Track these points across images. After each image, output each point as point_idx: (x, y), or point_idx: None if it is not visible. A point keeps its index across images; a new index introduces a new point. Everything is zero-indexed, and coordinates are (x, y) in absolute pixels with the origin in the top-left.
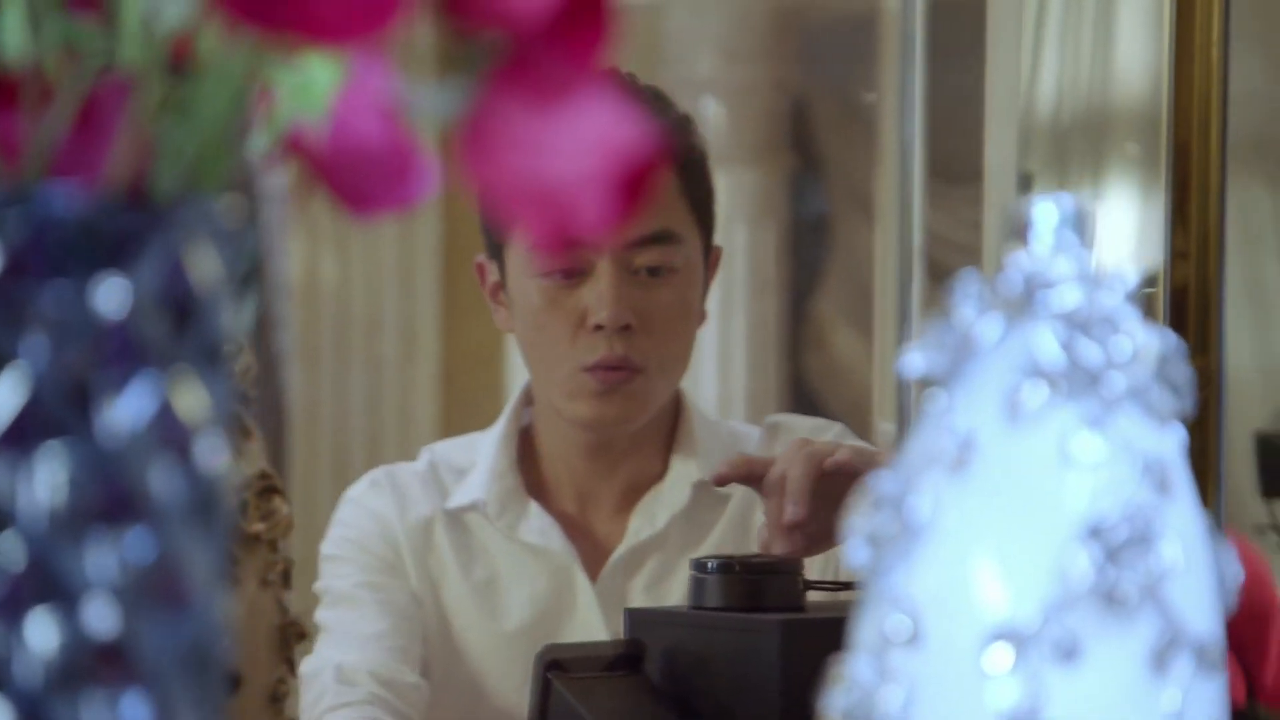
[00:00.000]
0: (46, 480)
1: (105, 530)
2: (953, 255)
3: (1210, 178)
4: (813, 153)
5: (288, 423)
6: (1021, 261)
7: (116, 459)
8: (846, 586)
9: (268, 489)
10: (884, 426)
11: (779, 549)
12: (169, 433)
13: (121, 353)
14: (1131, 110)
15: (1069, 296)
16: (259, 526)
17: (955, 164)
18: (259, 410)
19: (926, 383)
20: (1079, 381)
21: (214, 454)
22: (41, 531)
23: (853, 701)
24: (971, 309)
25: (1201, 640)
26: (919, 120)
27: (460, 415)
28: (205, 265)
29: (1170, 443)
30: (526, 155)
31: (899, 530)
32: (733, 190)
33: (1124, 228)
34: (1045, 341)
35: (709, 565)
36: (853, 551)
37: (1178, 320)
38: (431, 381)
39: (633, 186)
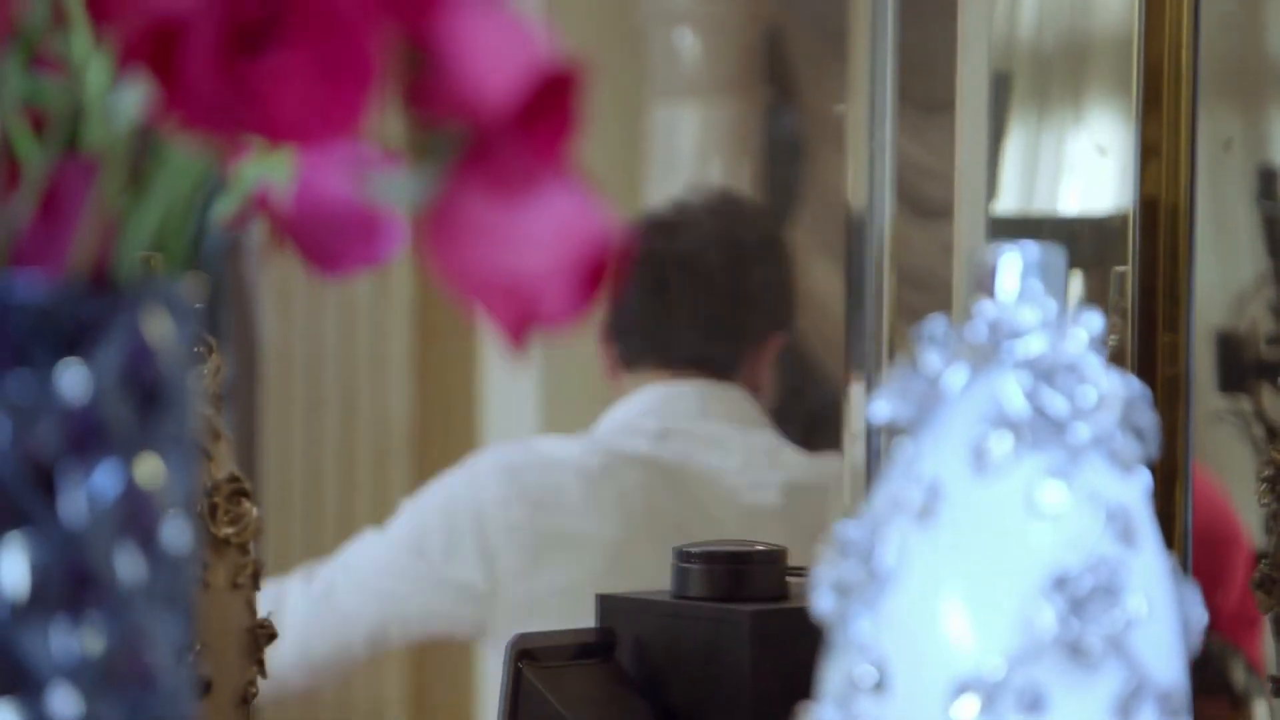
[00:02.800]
0: (10, 569)
1: (70, 616)
2: (926, 183)
3: (1182, 77)
4: (787, 84)
5: (260, 363)
6: (987, 310)
7: (81, 544)
8: None
9: (237, 492)
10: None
11: None
12: (134, 516)
13: (85, 438)
14: (1112, 33)
15: (1034, 345)
16: (228, 530)
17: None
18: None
19: (893, 430)
20: (1044, 431)
21: (179, 536)
22: (4, 620)
23: None
24: (938, 357)
25: (1166, 689)
26: (890, 47)
27: (434, 353)
28: (169, 347)
29: (1135, 491)
30: (490, 245)
31: (865, 578)
32: (707, 123)
33: (1107, 155)
34: (1010, 390)
35: (690, 554)
36: (819, 599)
37: (1150, 225)
38: (404, 320)
39: (594, 277)
